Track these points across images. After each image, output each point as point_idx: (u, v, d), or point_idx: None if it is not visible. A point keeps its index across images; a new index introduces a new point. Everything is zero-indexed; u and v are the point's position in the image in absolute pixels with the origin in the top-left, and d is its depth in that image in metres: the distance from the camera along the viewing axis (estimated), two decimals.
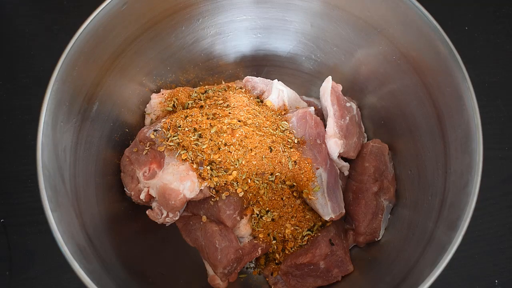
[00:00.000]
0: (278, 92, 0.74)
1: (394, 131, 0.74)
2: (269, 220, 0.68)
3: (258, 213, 0.68)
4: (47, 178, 0.54)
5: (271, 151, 0.66)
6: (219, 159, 0.65)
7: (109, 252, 0.62)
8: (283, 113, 0.73)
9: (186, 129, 0.66)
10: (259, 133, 0.67)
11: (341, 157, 0.74)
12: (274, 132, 0.68)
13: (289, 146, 0.68)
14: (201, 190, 0.65)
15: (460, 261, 0.77)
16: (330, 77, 0.73)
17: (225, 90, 0.75)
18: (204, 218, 0.68)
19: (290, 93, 0.76)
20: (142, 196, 0.66)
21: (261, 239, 0.69)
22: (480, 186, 0.55)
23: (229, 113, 0.68)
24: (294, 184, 0.69)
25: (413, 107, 0.69)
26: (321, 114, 0.76)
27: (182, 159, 0.65)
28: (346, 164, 0.75)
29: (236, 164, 0.65)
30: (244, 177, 0.66)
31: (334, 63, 0.77)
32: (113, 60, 0.67)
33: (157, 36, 0.70)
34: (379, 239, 0.71)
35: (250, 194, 0.68)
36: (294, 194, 0.70)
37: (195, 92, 0.74)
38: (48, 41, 0.87)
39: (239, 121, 0.67)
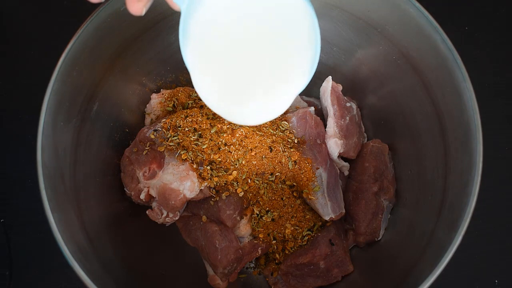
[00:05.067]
0: None
1: (394, 131, 0.74)
2: (269, 220, 0.68)
3: (258, 213, 0.68)
4: (47, 178, 0.54)
5: (271, 151, 0.66)
6: (219, 159, 0.65)
7: (109, 252, 0.62)
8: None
9: (186, 129, 0.66)
10: (259, 133, 0.67)
11: (341, 157, 0.74)
12: (274, 132, 0.68)
13: (289, 146, 0.68)
14: (201, 190, 0.65)
15: (460, 261, 0.77)
16: (330, 77, 0.73)
17: None
18: (204, 218, 0.68)
19: None
20: (142, 196, 0.66)
21: (261, 239, 0.69)
22: (480, 186, 0.55)
23: None
24: (294, 184, 0.69)
25: (413, 107, 0.69)
26: (321, 114, 0.76)
27: (182, 159, 0.65)
28: (346, 164, 0.75)
29: (236, 164, 0.65)
30: (244, 177, 0.66)
31: (334, 63, 0.77)
32: (113, 60, 0.66)
33: (157, 36, 0.70)
34: (379, 239, 0.71)
35: (250, 194, 0.68)
36: (294, 194, 0.69)
37: (195, 92, 0.75)
38: (48, 41, 0.87)
39: None
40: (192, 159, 0.65)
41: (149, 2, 0.42)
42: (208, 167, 0.65)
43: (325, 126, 0.73)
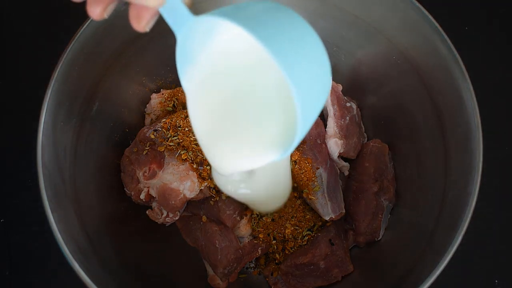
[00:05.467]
0: None
1: (394, 131, 0.74)
2: (269, 220, 0.68)
3: (258, 213, 0.68)
4: (47, 178, 0.54)
5: None
6: None
7: (109, 252, 0.62)
8: None
9: (186, 129, 0.66)
10: None
11: (341, 157, 0.74)
12: None
13: None
14: (201, 190, 0.65)
15: (460, 261, 0.77)
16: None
17: None
18: (204, 218, 0.68)
19: None
20: (142, 196, 0.66)
21: (261, 239, 0.69)
22: (480, 186, 0.55)
23: None
24: (294, 184, 0.69)
25: (413, 107, 0.69)
26: (321, 114, 0.76)
27: (182, 159, 0.65)
28: (346, 164, 0.75)
29: None
30: None
31: (334, 63, 0.77)
32: (113, 60, 0.66)
33: (157, 36, 0.70)
34: (379, 239, 0.71)
35: None
36: (294, 194, 0.69)
37: None
38: (48, 41, 0.87)
39: None
40: (192, 159, 0.65)
41: (152, 19, 0.40)
42: (208, 167, 0.64)
43: (325, 126, 0.73)
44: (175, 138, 0.66)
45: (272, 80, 0.41)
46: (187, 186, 0.64)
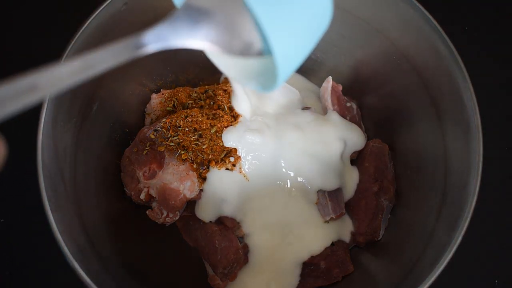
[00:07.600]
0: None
1: (394, 131, 0.74)
2: None
3: None
4: (47, 178, 0.54)
5: None
6: None
7: (109, 252, 0.62)
8: None
9: (186, 129, 0.66)
10: None
11: None
12: None
13: None
14: (201, 190, 0.65)
15: (460, 261, 0.77)
16: (330, 77, 0.73)
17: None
18: None
19: None
20: (142, 196, 0.66)
21: None
22: (480, 186, 0.55)
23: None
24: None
25: (413, 107, 0.69)
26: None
27: (182, 159, 0.65)
28: None
29: None
30: None
31: (334, 63, 0.77)
32: None
33: None
34: (379, 239, 0.71)
35: None
36: None
37: (195, 92, 0.74)
38: (48, 41, 0.87)
39: None
40: (192, 159, 0.65)
41: None
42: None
43: None
44: (175, 138, 0.66)
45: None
46: (187, 186, 0.64)
